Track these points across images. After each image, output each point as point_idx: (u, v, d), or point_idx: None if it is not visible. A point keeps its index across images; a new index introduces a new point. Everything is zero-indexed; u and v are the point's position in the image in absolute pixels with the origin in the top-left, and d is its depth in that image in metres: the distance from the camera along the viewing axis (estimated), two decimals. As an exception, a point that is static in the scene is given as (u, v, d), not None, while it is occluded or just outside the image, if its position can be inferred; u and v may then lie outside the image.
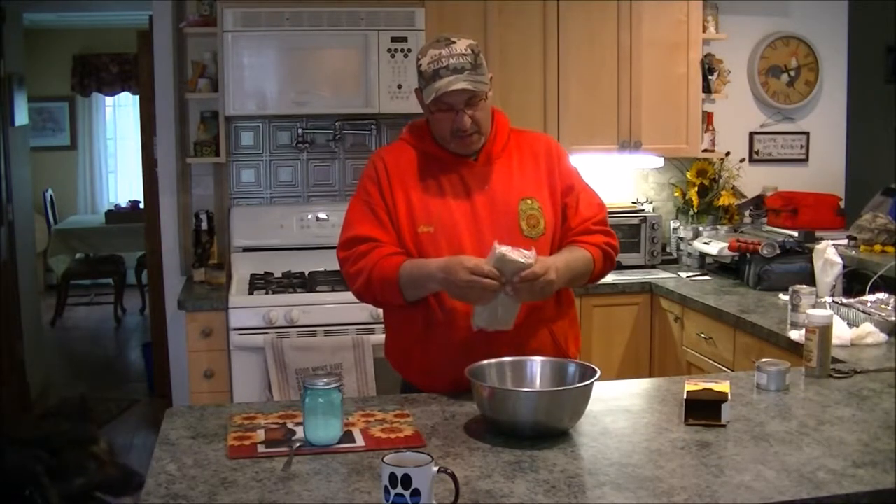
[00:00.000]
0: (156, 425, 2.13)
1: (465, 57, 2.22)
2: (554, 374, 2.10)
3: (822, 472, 1.76)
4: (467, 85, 2.20)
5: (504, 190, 2.33)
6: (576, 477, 1.75)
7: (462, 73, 2.20)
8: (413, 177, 2.34)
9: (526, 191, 2.34)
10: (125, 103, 9.51)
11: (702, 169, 4.55)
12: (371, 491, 1.68)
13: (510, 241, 2.23)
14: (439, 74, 2.21)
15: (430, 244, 2.29)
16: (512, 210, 2.32)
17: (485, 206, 2.31)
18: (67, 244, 7.96)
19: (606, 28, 4.21)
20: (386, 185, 2.33)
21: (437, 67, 2.21)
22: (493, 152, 2.35)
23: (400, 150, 2.40)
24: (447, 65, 2.20)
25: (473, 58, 2.23)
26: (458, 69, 2.20)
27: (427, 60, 2.23)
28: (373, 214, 2.32)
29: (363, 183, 2.38)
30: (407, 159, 2.37)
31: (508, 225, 2.31)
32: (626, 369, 3.97)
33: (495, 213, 2.31)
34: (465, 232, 2.30)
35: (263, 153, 4.30)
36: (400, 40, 3.90)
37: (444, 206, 2.31)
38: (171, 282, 4.31)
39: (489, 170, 2.34)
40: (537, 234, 2.33)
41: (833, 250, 3.53)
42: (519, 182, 2.35)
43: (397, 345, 2.42)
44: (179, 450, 1.91)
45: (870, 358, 2.65)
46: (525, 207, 2.33)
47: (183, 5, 4.17)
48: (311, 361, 3.54)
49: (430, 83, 2.22)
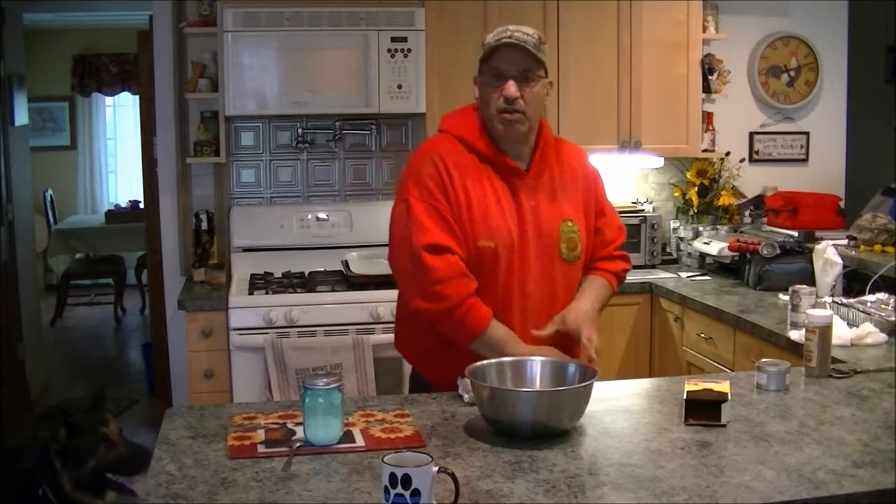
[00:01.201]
0: (156, 425, 2.13)
1: (531, 36, 2.21)
2: (554, 374, 2.10)
3: (822, 472, 1.76)
4: (527, 45, 2.18)
5: (548, 209, 2.29)
6: (576, 477, 1.75)
7: (525, 46, 2.19)
8: (473, 182, 2.25)
9: (567, 212, 2.32)
10: (125, 103, 9.51)
11: (702, 169, 4.55)
12: (371, 491, 1.68)
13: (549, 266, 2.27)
14: (499, 39, 2.20)
15: (489, 261, 2.24)
16: (554, 232, 2.29)
17: (531, 224, 2.27)
18: (67, 244, 7.96)
19: (606, 28, 4.21)
20: (451, 190, 2.22)
21: (500, 35, 2.21)
22: (544, 163, 2.32)
23: (456, 150, 2.29)
24: (511, 35, 2.20)
25: (538, 41, 2.22)
26: (520, 40, 2.19)
27: (492, 35, 2.23)
28: (445, 222, 2.20)
29: (425, 183, 2.23)
30: (465, 162, 2.27)
31: (549, 247, 2.29)
32: (626, 369, 3.97)
33: (539, 234, 2.28)
34: (516, 251, 2.26)
35: (263, 153, 4.30)
36: (400, 40, 3.90)
37: (501, 220, 2.25)
38: (171, 282, 4.31)
39: (537, 184, 2.30)
40: (574, 258, 2.32)
41: (833, 250, 3.52)
42: (561, 201, 2.32)
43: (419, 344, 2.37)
44: (179, 450, 1.91)
45: (870, 358, 2.65)
46: (566, 230, 2.30)
47: (183, 5, 4.17)
48: (311, 361, 3.54)
49: (490, 54, 2.21)
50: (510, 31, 2.21)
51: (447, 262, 2.17)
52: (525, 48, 2.19)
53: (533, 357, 2.15)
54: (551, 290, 2.31)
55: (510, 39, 2.19)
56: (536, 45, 2.21)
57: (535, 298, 2.29)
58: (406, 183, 2.28)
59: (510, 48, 2.19)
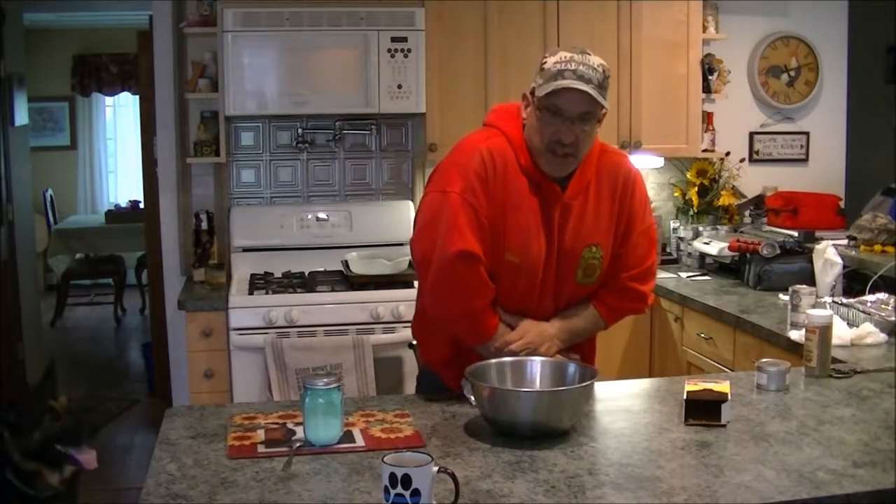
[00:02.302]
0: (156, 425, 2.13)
1: (595, 71, 2.09)
2: (554, 374, 2.11)
3: (822, 472, 1.76)
4: (591, 91, 2.06)
5: (574, 232, 2.22)
6: (576, 477, 1.75)
7: (588, 84, 2.07)
8: (514, 189, 2.16)
9: (593, 237, 2.24)
10: (125, 103, 9.50)
11: (702, 169, 4.55)
12: (371, 491, 1.68)
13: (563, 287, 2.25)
14: (563, 75, 2.07)
15: (510, 274, 2.20)
16: (574, 257, 2.24)
17: (555, 245, 2.22)
18: (67, 244, 7.95)
19: (606, 28, 4.21)
20: (492, 189, 2.15)
21: (565, 68, 2.08)
22: (579, 185, 2.22)
23: (503, 148, 2.19)
24: (575, 69, 2.07)
25: (603, 77, 2.10)
26: (584, 77, 2.07)
27: (555, 59, 2.10)
28: (479, 225, 2.13)
29: (468, 175, 2.14)
30: (511, 162, 2.17)
31: (567, 269, 2.25)
32: (626, 369, 3.97)
33: (561, 256, 2.23)
34: (536, 270, 2.22)
35: (263, 153, 4.30)
36: (400, 40, 3.90)
37: (530, 237, 2.19)
38: (171, 282, 4.31)
39: (571, 207, 2.21)
40: (589, 282, 2.29)
41: (833, 250, 3.52)
42: (591, 225, 2.24)
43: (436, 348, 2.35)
44: (179, 450, 1.91)
45: (870, 358, 2.65)
46: (588, 256, 2.24)
47: (183, 5, 4.16)
48: (311, 361, 3.54)
49: (552, 80, 2.08)
50: (576, 65, 2.08)
51: (475, 273, 2.13)
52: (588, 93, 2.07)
53: (533, 357, 2.16)
54: (557, 307, 2.31)
55: (575, 83, 2.06)
56: (601, 84, 2.10)
57: (544, 313, 2.29)
58: (449, 173, 2.18)
59: (575, 91, 2.08)
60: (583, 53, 2.11)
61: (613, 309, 2.35)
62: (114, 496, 4.20)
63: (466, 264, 2.12)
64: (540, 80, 2.13)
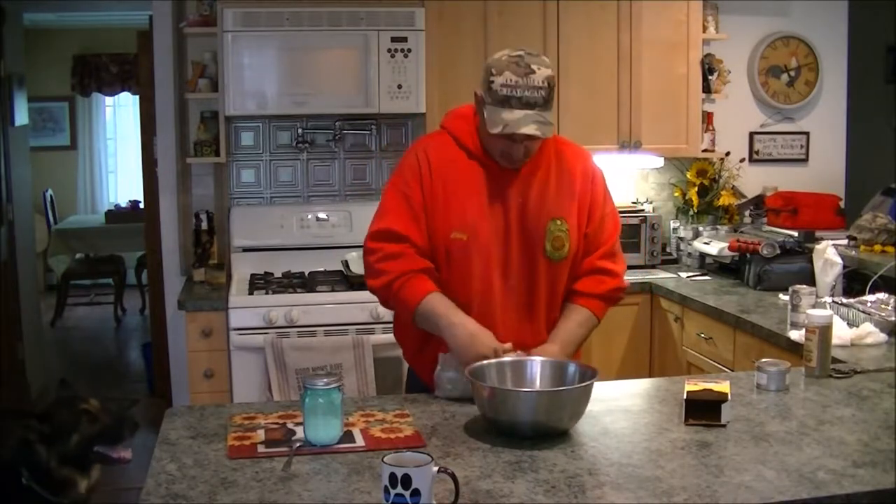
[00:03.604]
0: (156, 425, 2.13)
1: (540, 91, 2.15)
2: (554, 374, 2.11)
3: (822, 472, 1.76)
4: (535, 130, 2.14)
5: (537, 206, 2.29)
6: (576, 477, 1.75)
7: (533, 109, 2.14)
8: (455, 176, 2.29)
9: (557, 210, 2.30)
10: (125, 103, 9.50)
11: (702, 169, 4.55)
12: (371, 491, 1.68)
13: (533, 263, 2.28)
14: (510, 104, 2.14)
15: (461, 253, 2.26)
16: (540, 229, 2.29)
17: (516, 220, 2.28)
18: (67, 244, 7.96)
19: (606, 28, 4.21)
20: (427, 181, 2.28)
21: (510, 95, 2.14)
22: (537, 165, 2.30)
23: (444, 144, 2.33)
24: (521, 96, 2.14)
25: (547, 92, 2.16)
26: (530, 103, 2.14)
27: (501, 81, 2.15)
28: (409, 209, 2.27)
29: (403, 172, 2.32)
30: (451, 157, 2.31)
31: (534, 244, 2.29)
32: (626, 369, 3.97)
33: (524, 230, 2.28)
34: (495, 245, 2.27)
35: (263, 153, 4.30)
36: (400, 40, 3.90)
37: (479, 214, 2.27)
38: (171, 282, 4.31)
39: (528, 182, 2.29)
40: (559, 257, 2.31)
41: (833, 250, 3.52)
42: (553, 200, 2.30)
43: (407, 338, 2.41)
44: (179, 450, 1.91)
45: (870, 358, 2.65)
46: (553, 228, 2.29)
47: (183, 5, 4.17)
48: (311, 361, 3.54)
49: (499, 109, 2.16)
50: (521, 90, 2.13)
51: (395, 245, 2.26)
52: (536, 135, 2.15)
53: (533, 357, 2.16)
54: (533, 287, 2.32)
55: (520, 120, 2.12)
56: (546, 100, 2.16)
57: (516, 293, 2.30)
58: (393, 174, 2.38)
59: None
60: (527, 73, 2.15)
61: (594, 296, 2.37)
62: (114, 496, 4.20)
63: (380, 238, 2.29)
64: (489, 99, 2.19)
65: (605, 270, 2.38)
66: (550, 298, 2.35)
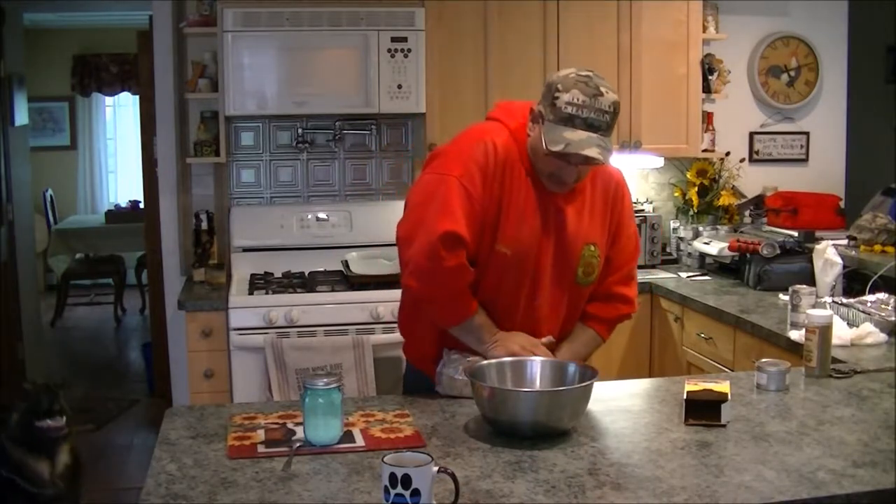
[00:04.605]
0: (156, 425, 2.13)
1: (605, 115, 2.08)
2: (554, 374, 2.11)
3: (822, 472, 1.76)
4: (598, 154, 2.06)
5: (574, 231, 2.25)
6: (576, 477, 1.75)
7: (596, 133, 2.07)
8: (511, 185, 2.18)
9: (591, 236, 2.28)
10: (125, 103, 9.50)
11: (702, 169, 4.55)
12: (371, 491, 1.68)
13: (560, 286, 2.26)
14: (574, 123, 2.07)
15: (500, 265, 2.21)
16: (575, 255, 2.26)
17: (554, 242, 2.24)
18: (67, 244, 7.96)
19: (606, 28, 4.21)
20: (491, 183, 2.16)
21: (575, 115, 2.07)
22: (578, 187, 2.25)
23: (509, 146, 2.20)
24: (586, 117, 2.07)
25: (612, 118, 2.10)
26: (594, 125, 2.07)
27: (567, 99, 2.08)
28: (472, 210, 2.13)
29: (467, 164, 2.15)
30: (514, 161, 2.19)
31: (567, 268, 2.27)
32: (626, 369, 3.97)
33: (559, 255, 2.26)
34: (531, 264, 2.24)
35: (263, 153, 4.30)
36: (400, 40, 3.90)
37: (525, 231, 2.21)
38: (171, 282, 4.31)
39: (569, 206, 2.25)
40: (588, 282, 2.32)
41: (833, 250, 3.52)
42: (588, 225, 2.27)
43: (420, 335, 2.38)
44: (179, 450, 1.91)
45: (870, 358, 2.65)
46: (587, 254, 2.27)
47: (183, 5, 4.16)
48: (311, 361, 3.54)
49: (561, 127, 2.08)
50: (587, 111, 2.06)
51: (457, 256, 2.13)
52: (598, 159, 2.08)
53: (533, 357, 2.16)
54: (556, 307, 2.32)
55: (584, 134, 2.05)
56: (610, 125, 2.10)
57: (540, 312, 2.29)
58: (449, 158, 2.20)
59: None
60: (595, 95, 2.08)
61: (605, 321, 2.41)
62: (114, 496, 4.20)
63: (450, 245, 2.11)
64: (551, 116, 2.10)
65: (621, 297, 2.40)
66: (569, 317, 2.36)
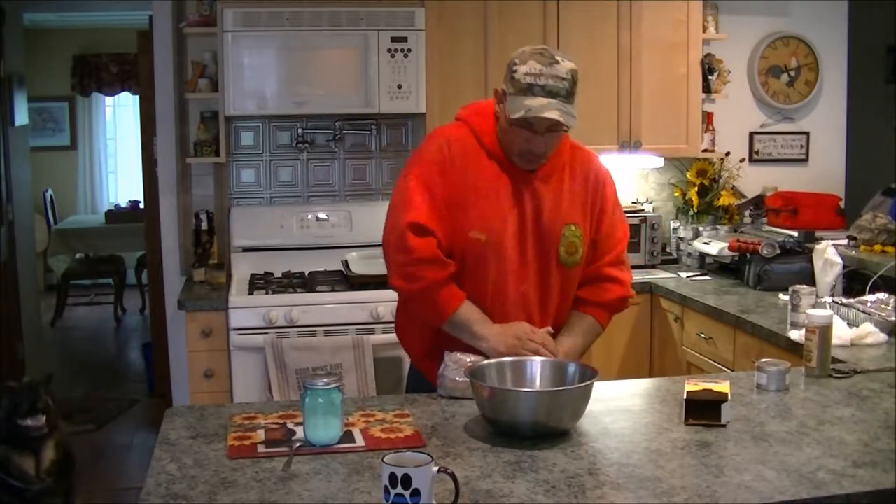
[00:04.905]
0: (156, 425, 2.13)
1: (563, 81, 2.14)
2: (554, 374, 2.11)
3: (822, 472, 1.76)
4: (559, 116, 2.12)
5: (552, 211, 2.28)
6: (576, 477, 1.75)
7: (556, 99, 2.13)
8: (476, 173, 2.25)
9: (572, 216, 2.30)
10: (125, 103, 9.51)
11: (702, 169, 4.55)
12: (371, 491, 1.67)
13: (547, 269, 2.27)
14: (532, 91, 2.12)
15: (477, 253, 2.24)
16: (555, 234, 2.28)
17: (532, 224, 2.27)
18: (67, 244, 7.96)
19: (606, 28, 4.21)
20: (450, 175, 2.23)
21: (533, 83, 2.12)
22: (553, 169, 2.29)
23: (466, 139, 2.28)
24: (544, 84, 2.12)
25: (571, 85, 2.15)
26: (553, 92, 2.13)
27: (525, 70, 2.14)
28: (434, 202, 2.21)
29: (426, 163, 2.25)
30: (473, 152, 2.26)
31: (548, 249, 2.28)
32: (626, 369, 3.97)
33: (539, 235, 2.28)
34: (511, 249, 2.26)
35: (263, 153, 4.30)
36: (400, 40, 3.90)
37: (498, 216, 2.24)
38: (171, 282, 4.31)
39: (545, 187, 2.28)
40: (573, 263, 2.31)
41: (833, 250, 3.52)
42: (568, 206, 2.30)
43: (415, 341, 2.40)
44: (179, 450, 1.91)
45: (870, 358, 2.65)
46: (568, 234, 2.29)
47: (183, 5, 4.16)
48: (311, 361, 3.54)
49: (521, 97, 2.13)
50: (545, 79, 2.12)
51: (427, 244, 2.19)
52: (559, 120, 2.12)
53: (533, 357, 2.16)
54: (546, 291, 2.32)
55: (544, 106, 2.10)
56: (570, 91, 2.15)
57: (530, 297, 2.30)
58: (410, 163, 2.31)
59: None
60: (551, 63, 2.14)
61: (600, 305, 2.38)
62: (114, 496, 4.20)
63: (418, 235, 2.19)
64: (511, 89, 2.17)
65: (611, 278, 2.39)
66: (562, 304, 2.35)
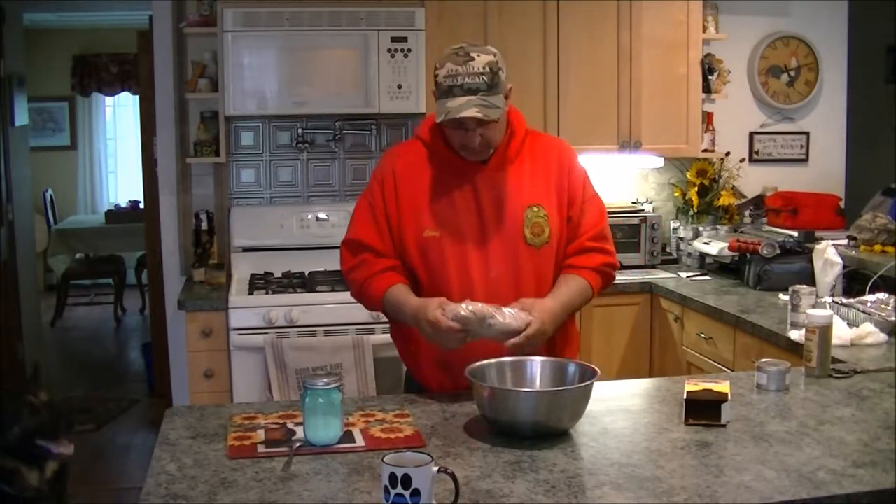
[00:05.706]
0: (156, 425, 2.13)
1: (481, 77, 2.16)
2: (554, 374, 2.11)
3: (822, 472, 1.76)
4: (478, 113, 2.15)
5: (512, 196, 2.30)
6: (576, 477, 1.75)
7: (476, 95, 2.15)
8: (423, 178, 2.32)
9: (534, 197, 2.31)
10: (125, 103, 9.50)
11: (702, 169, 4.55)
12: (371, 491, 1.68)
13: (514, 253, 2.28)
14: (452, 92, 2.17)
15: (434, 249, 2.29)
16: (517, 217, 2.30)
17: (491, 212, 2.29)
18: (67, 244, 7.96)
19: (606, 28, 4.21)
20: (391, 188, 2.33)
21: (452, 84, 2.17)
22: (506, 157, 2.32)
23: (412, 149, 2.38)
24: (461, 84, 2.16)
25: (490, 77, 2.17)
26: (471, 89, 2.16)
27: (443, 73, 2.18)
28: (373, 219, 2.34)
29: (371, 182, 2.42)
30: (418, 159, 2.35)
31: (513, 233, 2.30)
32: (626, 369, 3.97)
33: (501, 220, 2.29)
34: (471, 238, 2.29)
35: (263, 153, 4.31)
36: (400, 40, 3.90)
37: (451, 211, 2.29)
38: (171, 282, 4.31)
39: (500, 175, 2.31)
40: (541, 242, 2.31)
41: (833, 250, 3.53)
42: (528, 189, 2.32)
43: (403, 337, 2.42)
44: (179, 450, 1.91)
45: (870, 358, 2.65)
46: (531, 215, 2.30)
47: (183, 5, 4.17)
48: (311, 361, 3.54)
49: (443, 99, 2.19)
50: (462, 78, 2.15)
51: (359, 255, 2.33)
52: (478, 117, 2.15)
53: (533, 357, 2.16)
54: (516, 275, 2.31)
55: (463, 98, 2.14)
56: (490, 84, 2.17)
57: (500, 283, 2.29)
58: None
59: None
60: (466, 61, 2.17)
61: (588, 268, 2.35)
62: (114, 496, 4.20)
63: (353, 251, 2.35)
64: (436, 94, 2.23)
65: (597, 248, 2.37)
66: (539, 286, 2.33)
